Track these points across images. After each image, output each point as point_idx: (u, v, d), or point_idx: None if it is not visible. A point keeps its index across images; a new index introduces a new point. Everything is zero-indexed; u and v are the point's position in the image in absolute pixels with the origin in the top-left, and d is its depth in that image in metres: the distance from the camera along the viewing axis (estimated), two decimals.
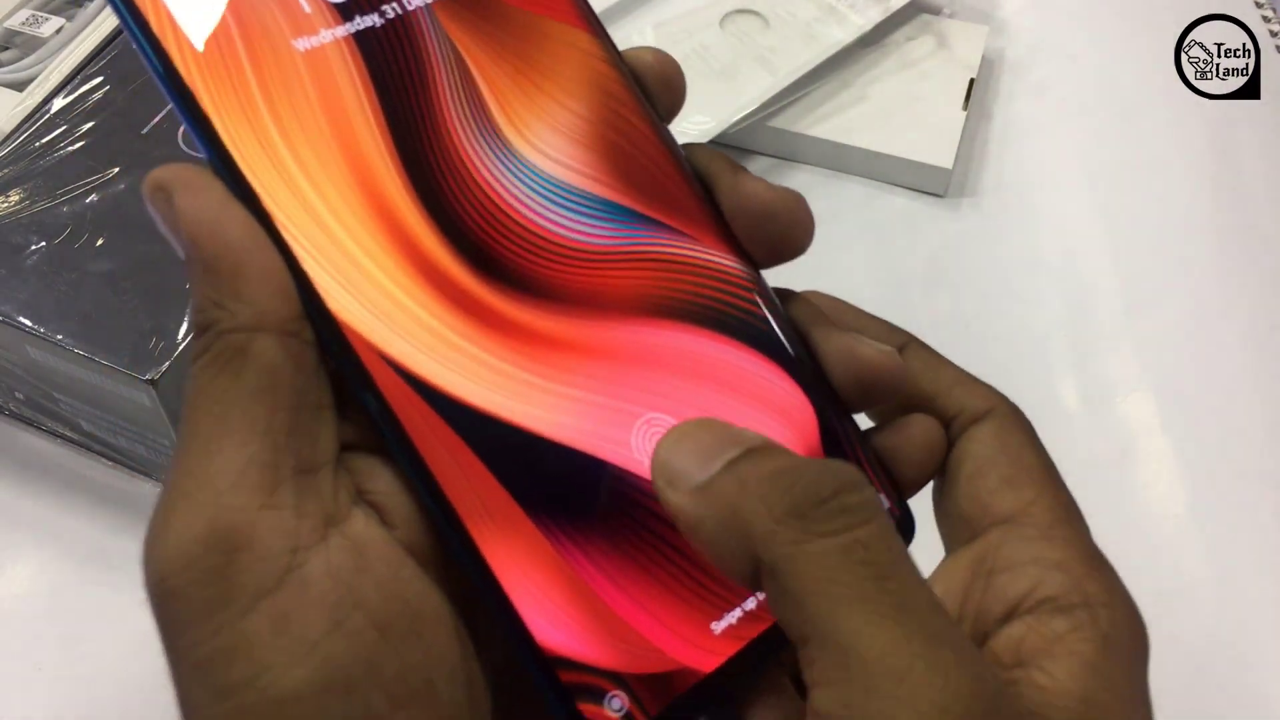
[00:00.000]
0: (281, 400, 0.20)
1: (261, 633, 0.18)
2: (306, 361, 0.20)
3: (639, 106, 0.26)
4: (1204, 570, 0.47)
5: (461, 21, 0.25)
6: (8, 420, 0.50)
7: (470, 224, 0.24)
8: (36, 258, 0.45)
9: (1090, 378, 0.53)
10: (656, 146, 0.26)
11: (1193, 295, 0.57)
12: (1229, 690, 0.43)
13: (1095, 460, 0.50)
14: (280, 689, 0.18)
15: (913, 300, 0.56)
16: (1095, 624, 0.22)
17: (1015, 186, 0.61)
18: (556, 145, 0.25)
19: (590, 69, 0.26)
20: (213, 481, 0.19)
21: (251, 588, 0.18)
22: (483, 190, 0.24)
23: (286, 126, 0.22)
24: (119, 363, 0.42)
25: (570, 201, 0.25)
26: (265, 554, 0.18)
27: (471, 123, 0.24)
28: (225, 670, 0.18)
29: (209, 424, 0.19)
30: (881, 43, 0.65)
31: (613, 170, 0.25)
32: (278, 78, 0.23)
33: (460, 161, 0.24)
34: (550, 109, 0.25)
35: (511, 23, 0.25)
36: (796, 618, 0.19)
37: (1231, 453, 0.51)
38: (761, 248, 0.25)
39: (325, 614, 0.18)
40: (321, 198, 0.22)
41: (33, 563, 0.46)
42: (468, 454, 0.22)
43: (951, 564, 0.24)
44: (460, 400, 0.22)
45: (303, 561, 0.19)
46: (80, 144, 0.49)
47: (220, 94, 0.22)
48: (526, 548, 0.22)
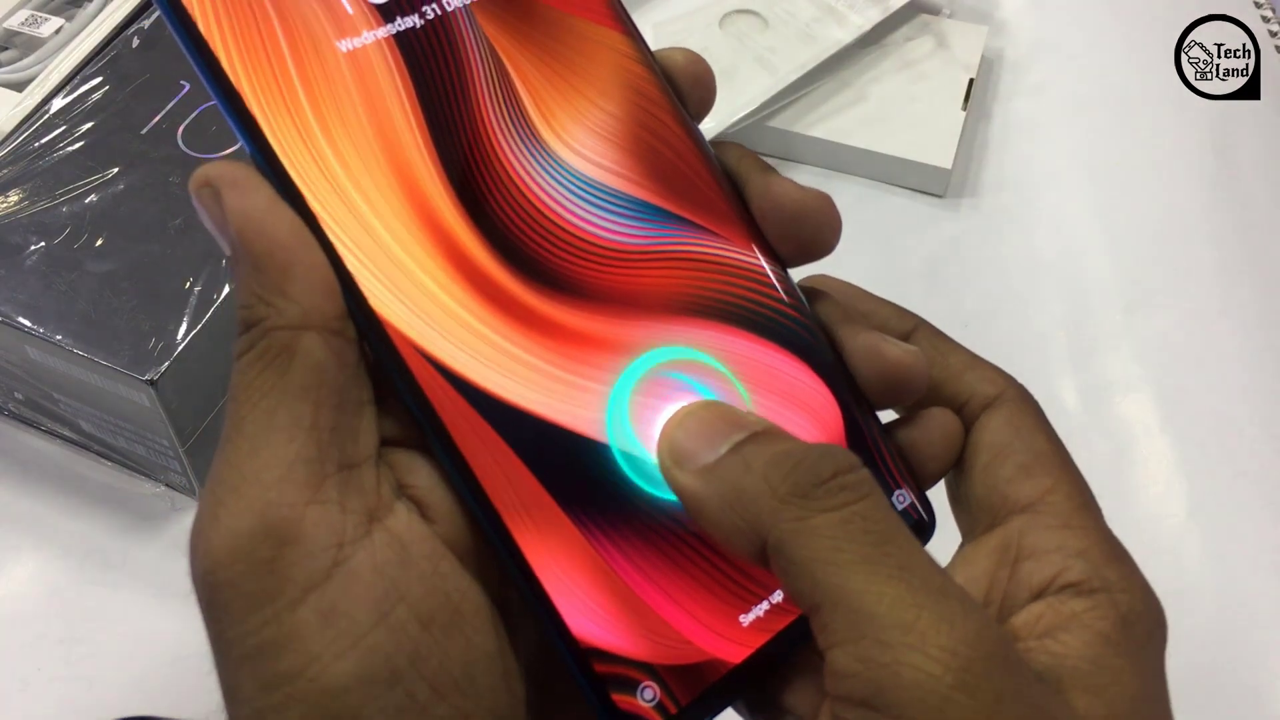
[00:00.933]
0: (326, 397, 0.20)
1: (310, 625, 0.18)
2: (349, 359, 0.21)
3: (671, 106, 0.26)
4: (1203, 570, 0.47)
5: (499, 21, 0.25)
6: (8, 420, 0.50)
7: (507, 223, 0.24)
8: (36, 258, 0.45)
9: (1090, 377, 0.53)
10: (688, 146, 0.26)
11: (1193, 295, 0.57)
12: (1229, 690, 0.43)
13: (1095, 460, 0.50)
14: (328, 680, 0.18)
15: (913, 300, 0.55)
16: (1114, 606, 0.22)
17: (1015, 186, 0.61)
18: (591, 145, 0.25)
19: (624, 69, 0.26)
20: (260, 477, 0.19)
21: (300, 581, 0.19)
22: (519, 190, 0.24)
23: (330, 126, 0.23)
24: (118, 363, 0.42)
25: (605, 201, 0.25)
26: (313, 548, 0.19)
27: (508, 122, 0.25)
28: (274, 661, 0.18)
29: (256, 420, 0.20)
30: (881, 43, 0.65)
31: (646, 170, 0.26)
32: (321, 78, 0.23)
33: (497, 161, 0.24)
34: (585, 109, 0.26)
35: (547, 23, 0.26)
36: (806, 586, 0.20)
37: (1231, 453, 0.51)
38: (790, 247, 0.26)
39: (371, 607, 0.19)
40: (364, 197, 0.23)
41: (32, 563, 0.46)
42: (504, 449, 0.22)
43: (972, 551, 0.24)
44: (496, 396, 0.22)
45: (349, 556, 0.19)
46: (80, 144, 0.49)
47: (265, 93, 0.23)
48: (561, 541, 0.22)
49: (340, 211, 0.22)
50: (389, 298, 0.22)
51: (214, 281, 0.44)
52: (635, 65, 0.26)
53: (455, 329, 0.23)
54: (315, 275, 0.21)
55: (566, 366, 0.23)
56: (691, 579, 0.23)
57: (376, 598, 0.19)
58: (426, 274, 0.23)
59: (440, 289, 0.23)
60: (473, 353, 0.23)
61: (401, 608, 0.19)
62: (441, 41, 0.24)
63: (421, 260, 0.23)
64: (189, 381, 0.43)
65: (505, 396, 0.23)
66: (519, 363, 0.23)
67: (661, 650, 0.22)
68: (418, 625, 0.19)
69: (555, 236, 0.24)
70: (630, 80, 0.26)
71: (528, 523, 0.22)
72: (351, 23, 0.24)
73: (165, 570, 0.46)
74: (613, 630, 0.22)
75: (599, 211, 0.25)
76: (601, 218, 0.25)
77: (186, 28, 0.23)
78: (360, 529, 0.20)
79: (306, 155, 0.22)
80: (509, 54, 0.25)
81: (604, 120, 0.26)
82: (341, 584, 0.19)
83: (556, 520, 0.22)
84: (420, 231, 0.23)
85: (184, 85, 0.51)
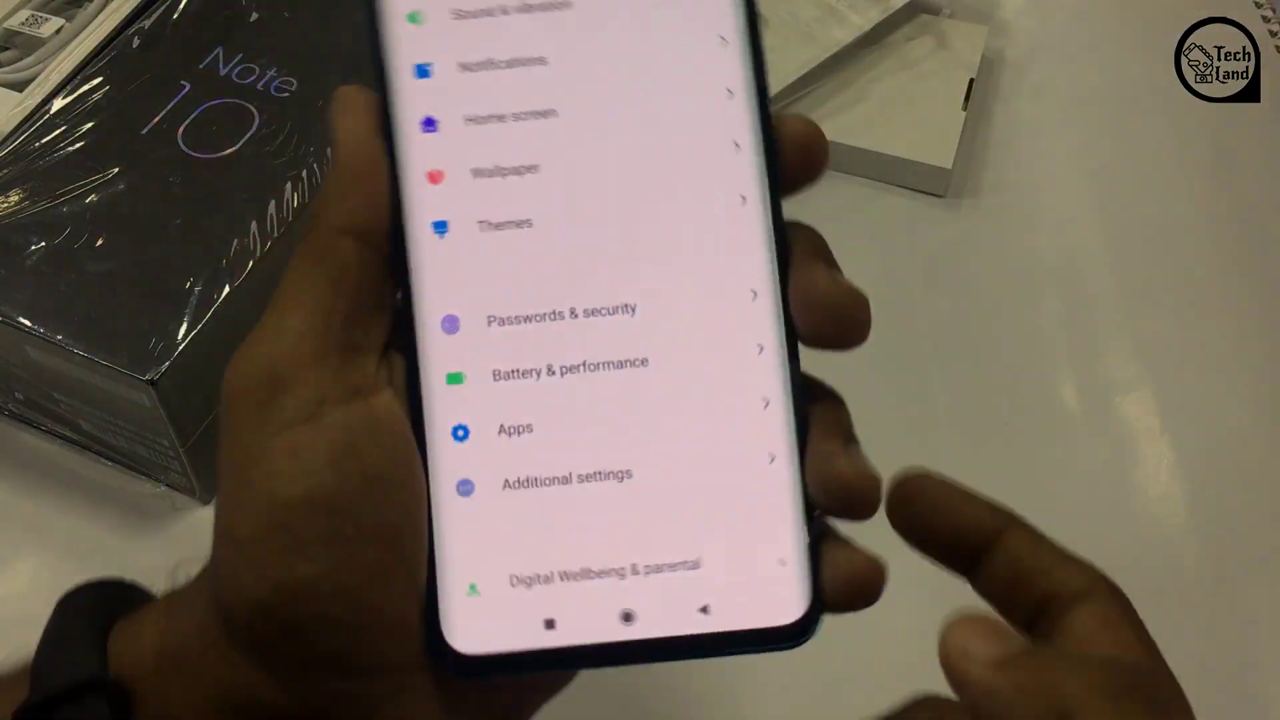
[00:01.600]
0: (346, 290, 0.25)
1: (279, 453, 0.24)
2: (374, 268, 0.25)
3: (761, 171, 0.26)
4: (1204, 570, 0.47)
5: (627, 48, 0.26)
6: (8, 420, 0.50)
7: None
8: (36, 258, 0.45)
9: (1090, 378, 0.53)
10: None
11: (1193, 295, 0.57)
12: (1229, 690, 0.43)
13: (1095, 460, 0.50)
14: (279, 495, 0.23)
15: (913, 300, 0.56)
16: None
17: (1015, 187, 0.61)
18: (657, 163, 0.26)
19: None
20: (278, 338, 0.24)
21: (281, 420, 0.24)
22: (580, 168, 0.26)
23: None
24: (119, 363, 0.42)
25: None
26: (298, 399, 0.24)
27: (596, 124, 0.26)
28: (246, 471, 0.24)
29: (287, 293, 0.25)
30: (881, 43, 0.65)
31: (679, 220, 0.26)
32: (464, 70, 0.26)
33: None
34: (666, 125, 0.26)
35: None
36: None
37: (1232, 452, 0.51)
38: (810, 331, 0.26)
39: (327, 453, 0.24)
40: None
41: (32, 563, 0.46)
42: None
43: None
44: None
45: (325, 413, 0.24)
46: (80, 144, 0.49)
47: (414, 50, 0.26)
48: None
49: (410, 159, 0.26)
50: (416, 235, 0.25)
51: (214, 281, 0.44)
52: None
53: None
54: (372, 196, 0.25)
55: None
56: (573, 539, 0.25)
57: (335, 448, 0.24)
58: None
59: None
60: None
61: (353, 461, 0.24)
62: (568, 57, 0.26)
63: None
64: (189, 381, 0.43)
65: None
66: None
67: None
68: (363, 480, 0.24)
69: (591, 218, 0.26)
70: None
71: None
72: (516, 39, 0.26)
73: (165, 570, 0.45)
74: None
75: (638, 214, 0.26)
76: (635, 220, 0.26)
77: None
78: (343, 395, 0.24)
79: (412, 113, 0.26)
80: (617, 75, 0.26)
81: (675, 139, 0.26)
82: (311, 430, 0.24)
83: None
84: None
85: (184, 85, 0.51)
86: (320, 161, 0.48)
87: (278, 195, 0.47)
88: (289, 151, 0.49)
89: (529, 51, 0.26)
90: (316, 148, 0.49)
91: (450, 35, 0.26)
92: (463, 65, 0.25)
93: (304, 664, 0.24)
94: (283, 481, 0.23)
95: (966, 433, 0.51)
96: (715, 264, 0.25)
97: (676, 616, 0.24)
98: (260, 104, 0.51)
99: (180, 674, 0.25)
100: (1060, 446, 0.50)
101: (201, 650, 0.25)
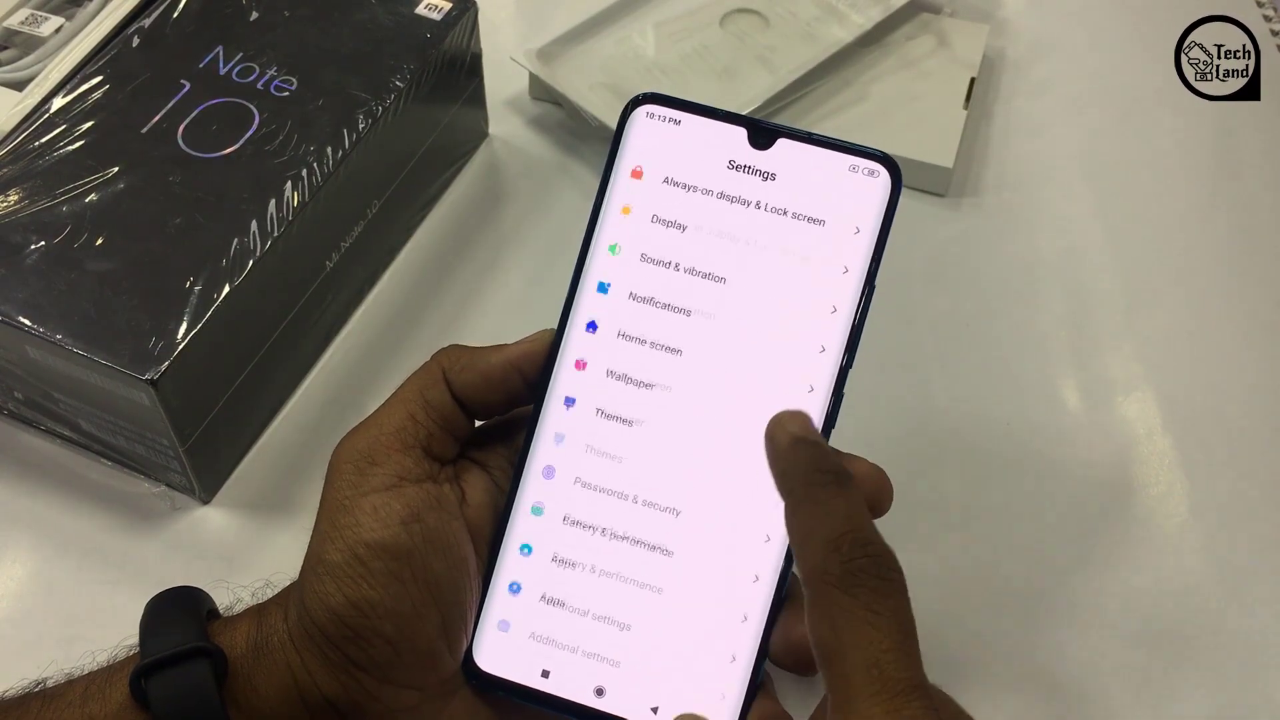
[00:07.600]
0: (432, 414, 0.34)
1: (366, 508, 0.32)
2: (454, 409, 0.35)
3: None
4: (1206, 570, 0.47)
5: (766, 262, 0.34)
6: (7, 420, 0.50)
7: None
8: (36, 257, 0.45)
9: (1091, 378, 0.53)
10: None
11: (1193, 295, 0.57)
12: (1230, 690, 0.43)
13: (1095, 460, 0.50)
14: (362, 538, 0.32)
15: (913, 300, 0.56)
16: None
17: (1016, 186, 0.61)
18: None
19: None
20: (379, 428, 0.34)
21: (370, 485, 0.33)
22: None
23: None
24: (118, 362, 0.42)
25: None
26: (384, 472, 0.33)
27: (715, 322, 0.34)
28: (339, 516, 0.33)
29: (396, 400, 0.34)
30: (882, 42, 0.65)
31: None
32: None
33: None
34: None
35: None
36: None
37: (1232, 452, 0.51)
38: None
39: (399, 515, 0.32)
40: None
41: (31, 562, 0.46)
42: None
43: None
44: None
45: (403, 488, 0.33)
46: (80, 143, 0.49)
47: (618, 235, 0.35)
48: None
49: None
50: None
51: (214, 281, 0.44)
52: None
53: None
54: (478, 385, 0.35)
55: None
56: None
57: (405, 512, 0.32)
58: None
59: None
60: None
61: (417, 525, 0.32)
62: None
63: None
64: (189, 381, 0.43)
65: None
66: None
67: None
68: (423, 540, 0.32)
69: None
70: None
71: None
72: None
73: (165, 570, 0.45)
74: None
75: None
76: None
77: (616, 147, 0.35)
78: (418, 478, 0.33)
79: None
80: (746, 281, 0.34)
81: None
82: (390, 496, 0.33)
83: None
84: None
85: (184, 85, 0.51)
86: (320, 161, 0.48)
87: (277, 195, 0.47)
88: (289, 151, 0.49)
89: (680, 303, 0.34)
90: (316, 147, 0.49)
91: (632, 270, 0.34)
92: (632, 294, 0.34)
93: (356, 664, 0.32)
94: (364, 529, 0.32)
95: (966, 433, 0.51)
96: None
97: (633, 706, 0.33)
98: (260, 103, 0.51)
99: (263, 660, 0.33)
100: (1060, 446, 0.50)
101: (281, 645, 0.33)
